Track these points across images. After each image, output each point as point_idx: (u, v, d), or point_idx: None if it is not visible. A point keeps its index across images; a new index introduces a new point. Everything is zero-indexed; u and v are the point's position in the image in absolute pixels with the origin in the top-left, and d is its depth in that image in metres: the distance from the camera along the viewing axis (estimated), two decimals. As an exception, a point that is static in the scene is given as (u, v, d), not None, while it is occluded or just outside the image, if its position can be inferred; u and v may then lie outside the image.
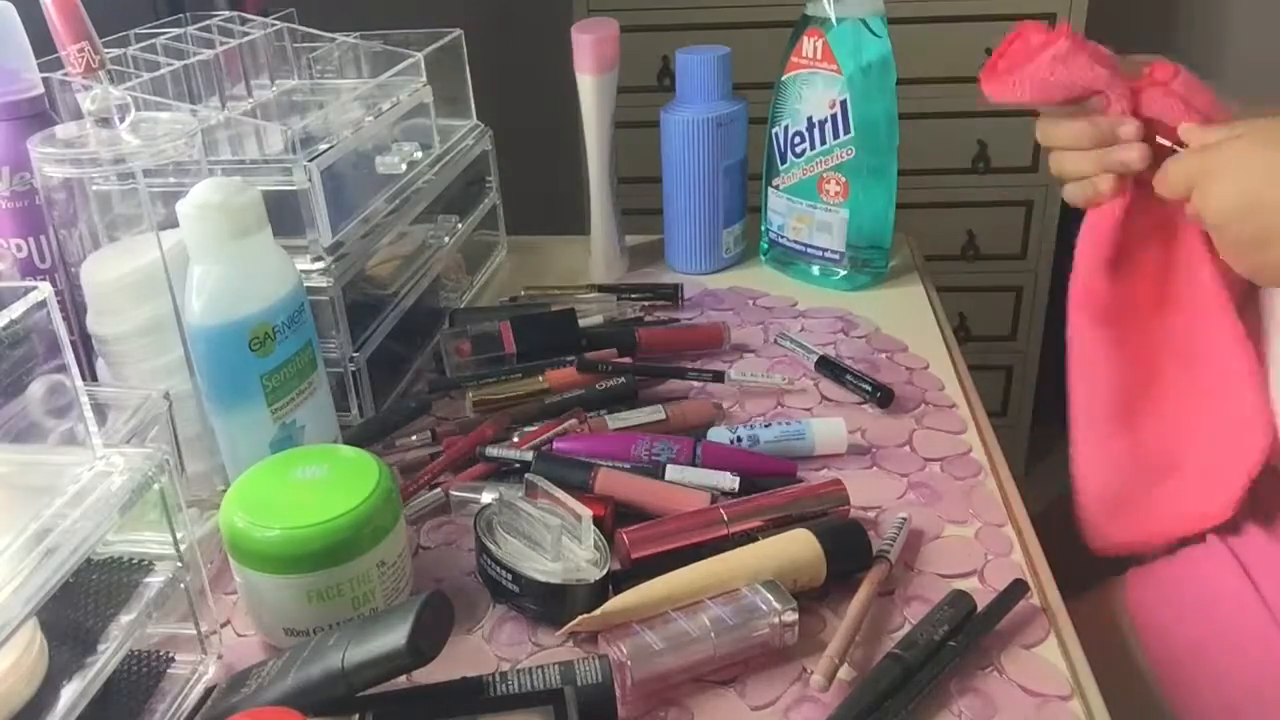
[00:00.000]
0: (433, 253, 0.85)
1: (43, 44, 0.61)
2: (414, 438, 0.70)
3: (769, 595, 0.52)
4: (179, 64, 0.74)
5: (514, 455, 0.66)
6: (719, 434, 0.68)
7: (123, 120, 0.58)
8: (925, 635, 0.51)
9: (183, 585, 0.50)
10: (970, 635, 0.52)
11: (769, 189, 0.94)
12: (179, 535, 0.50)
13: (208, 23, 0.83)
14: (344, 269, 0.70)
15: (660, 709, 0.50)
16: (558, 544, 0.55)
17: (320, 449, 0.57)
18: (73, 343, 0.46)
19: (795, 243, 0.93)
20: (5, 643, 0.39)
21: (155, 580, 0.50)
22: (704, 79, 0.89)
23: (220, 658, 0.53)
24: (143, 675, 0.50)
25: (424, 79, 0.85)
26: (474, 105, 0.95)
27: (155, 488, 0.47)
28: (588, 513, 0.56)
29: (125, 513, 0.45)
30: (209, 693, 0.50)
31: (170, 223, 0.57)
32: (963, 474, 0.66)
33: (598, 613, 0.52)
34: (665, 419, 0.70)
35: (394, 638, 0.44)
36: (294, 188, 0.67)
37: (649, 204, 0.99)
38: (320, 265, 0.68)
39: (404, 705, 0.48)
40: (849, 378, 0.75)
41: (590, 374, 0.75)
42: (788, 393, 0.76)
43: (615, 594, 0.53)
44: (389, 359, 0.77)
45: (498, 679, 0.48)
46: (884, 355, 0.80)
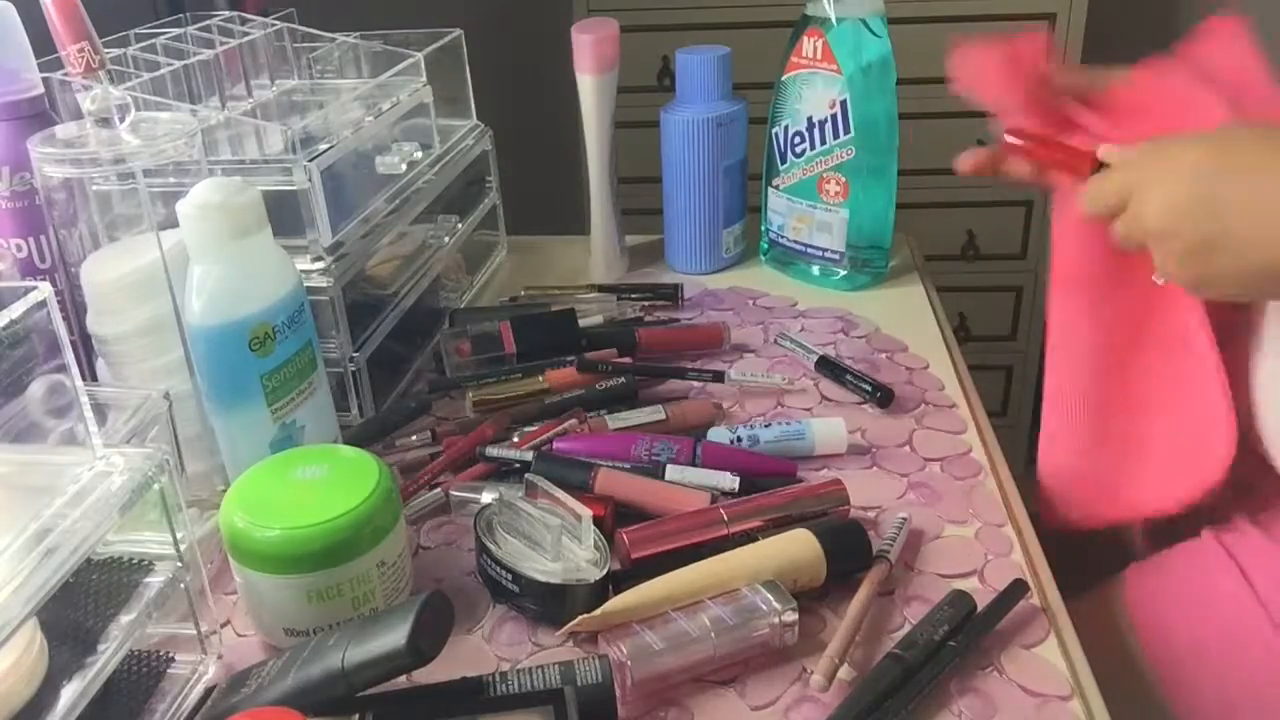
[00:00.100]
0: (433, 253, 0.85)
1: (43, 44, 0.61)
2: (414, 438, 0.70)
3: (769, 595, 0.52)
4: (179, 64, 0.74)
5: (514, 455, 0.66)
6: (719, 434, 0.68)
7: (123, 120, 0.58)
8: (925, 635, 0.51)
9: (183, 585, 0.50)
10: (970, 635, 0.52)
11: (769, 189, 0.94)
12: (179, 535, 0.50)
13: (208, 23, 0.83)
14: (344, 269, 0.70)
15: (660, 709, 0.50)
16: (558, 544, 0.55)
17: (320, 449, 0.57)
18: (73, 343, 0.46)
19: (795, 243, 0.93)
20: (5, 643, 0.39)
21: (155, 580, 0.50)
22: (704, 79, 0.89)
23: (220, 658, 0.53)
24: (143, 675, 0.50)
25: (424, 79, 0.85)
26: (474, 105, 0.95)
27: (155, 488, 0.47)
28: (588, 513, 0.56)
29: (125, 513, 0.45)
30: (209, 693, 0.50)
31: (170, 223, 0.57)
32: (963, 474, 0.66)
33: (598, 613, 0.52)
34: (665, 419, 0.70)
35: (394, 638, 0.44)
36: (294, 188, 0.67)
37: (649, 204, 0.99)
38: (320, 265, 0.68)
39: (404, 705, 0.48)
40: (849, 378, 0.75)
41: (590, 374, 0.75)
42: (788, 393, 0.76)
43: (615, 594, 0.53)
44: (389, 359, 0.77)
45: (498, 679, 0.48)
46: (884, 355, 0.80)
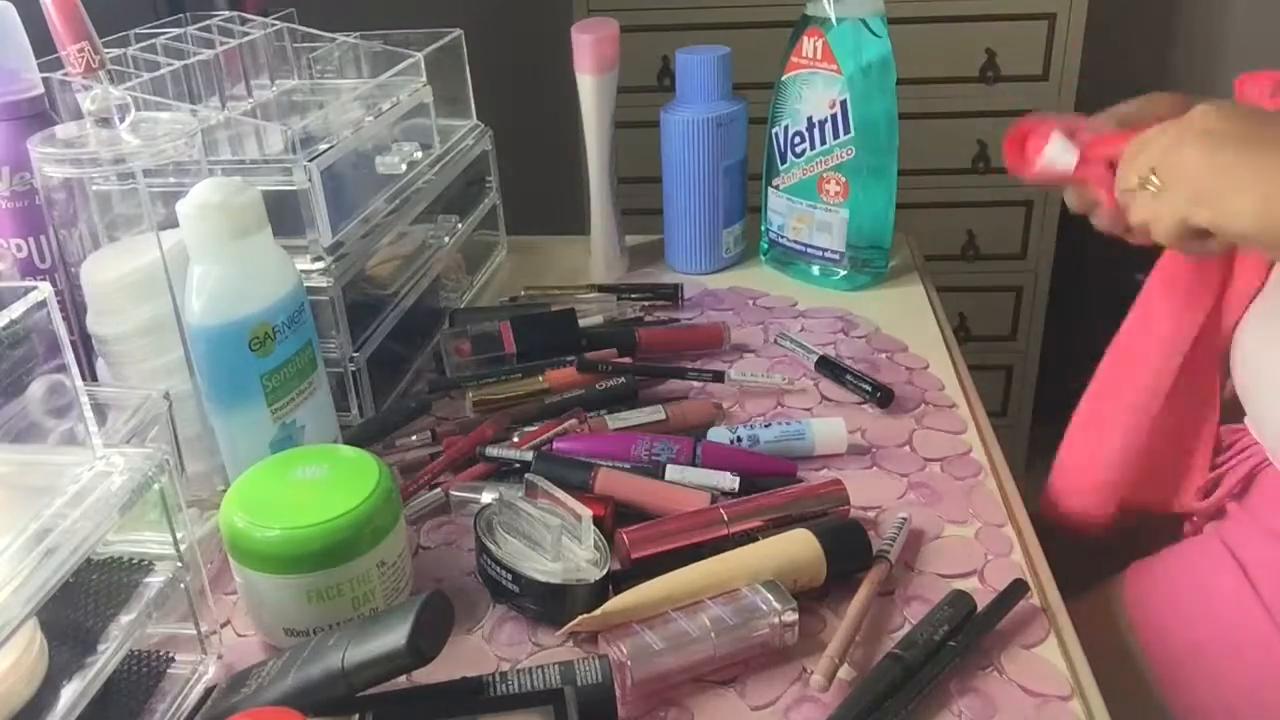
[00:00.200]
0: (433, 253, 0.85)
1: (43, 44, 0.61)
2: (414, 438, 0.70)
3: (769, 595, 0.52)
4: (179, 64, 0.74)
5: (514, 455, 0.66)
6: (719, 434, 0.68)
7: (123, 120, 0.58)
8: (925, 635, 0.51)
9: (183, 585, 0.50)
10: (970, 635, 0.52)
11: (769, 189, 0.94)
12: (179, 535, 0.50)
13: (208, 23, 0.83)
14: (344, 269, 0.70)
15: (660, 709, 0.50)
16: (558, 544, 0.55)
17: (320, 449, 0.57)
18: (73, 343, 0.46)
19: (795, 243, 0.93)
20: (5, 643, 0.38)
21: (155, 580, 0.50)
22: (704, 79, 0.89)
23: (220, 658, 0.53)
24: (143, 675, 0.50)
25: (424, 79, 0.85)
26: (474, 105, 0.95)
27: (155, 488, 0.47)
28: (588, 513, 0.56)
29: (125, 513, 0.45)
30: (209, 693, 0.50)
31: (170, 223, 0.57)
32: (963, 474, 0.66)
33: (598, 613, 0.52)
34: (665, 419, 0.70)
35: (394, 638, 0.44)
36: (294, 188, 0.67)
37: (649, 204, 0.99)
38: (320, 265, 0.68)
39: (404, 705, 0.48)
40: (849, 378, 0.75)
41: (590, 374, 0.75)
42: (788, 393, 0.76)
43: (615, 594, 0.53)
44: (389, 359, 0.77)
45: (498, 679, 0.48)
46: (884, 355, 0.80)
